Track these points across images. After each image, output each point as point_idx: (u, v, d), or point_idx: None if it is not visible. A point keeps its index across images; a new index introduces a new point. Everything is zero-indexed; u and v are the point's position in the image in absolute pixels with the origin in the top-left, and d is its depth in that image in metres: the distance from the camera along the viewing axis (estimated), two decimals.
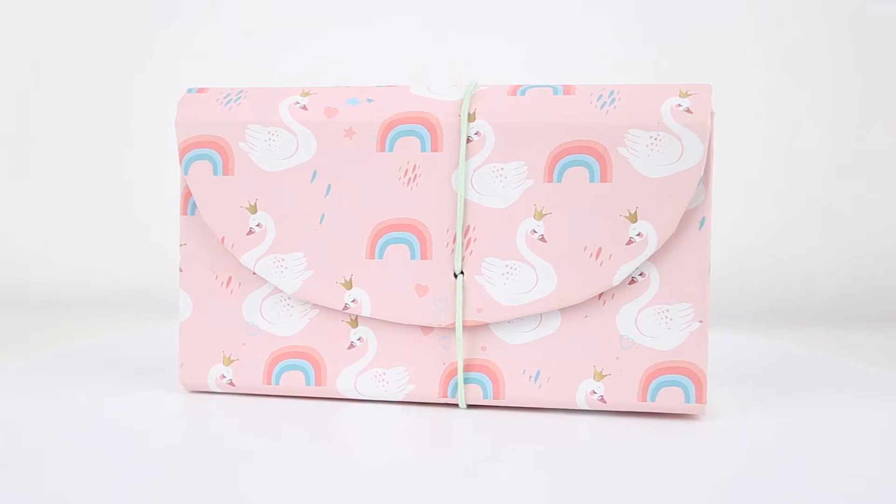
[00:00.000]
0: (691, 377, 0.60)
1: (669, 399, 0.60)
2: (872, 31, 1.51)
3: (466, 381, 0.63)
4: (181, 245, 0.66)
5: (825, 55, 1.51)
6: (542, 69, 1.51)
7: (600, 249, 0.60)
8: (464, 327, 0.62)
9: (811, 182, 1.50)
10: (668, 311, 0.60)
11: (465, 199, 0.62)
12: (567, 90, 0.62)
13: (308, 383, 0.64)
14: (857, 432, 0.61)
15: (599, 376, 0.61)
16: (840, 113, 1.50)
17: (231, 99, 0.65)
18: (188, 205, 0.66)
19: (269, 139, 0.64)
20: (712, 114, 0.60)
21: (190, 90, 0.67)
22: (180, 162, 0.65)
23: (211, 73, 1.49)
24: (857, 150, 1.51)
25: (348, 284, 0.63)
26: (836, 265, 1.49)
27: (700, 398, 0.60)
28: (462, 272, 0.62)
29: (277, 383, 0.65)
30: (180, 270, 0.66)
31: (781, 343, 0.93)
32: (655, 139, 0.59)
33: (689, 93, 0.60)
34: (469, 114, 0.62)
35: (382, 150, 0.63)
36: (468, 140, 0.62)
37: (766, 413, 0.64)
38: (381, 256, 0.63)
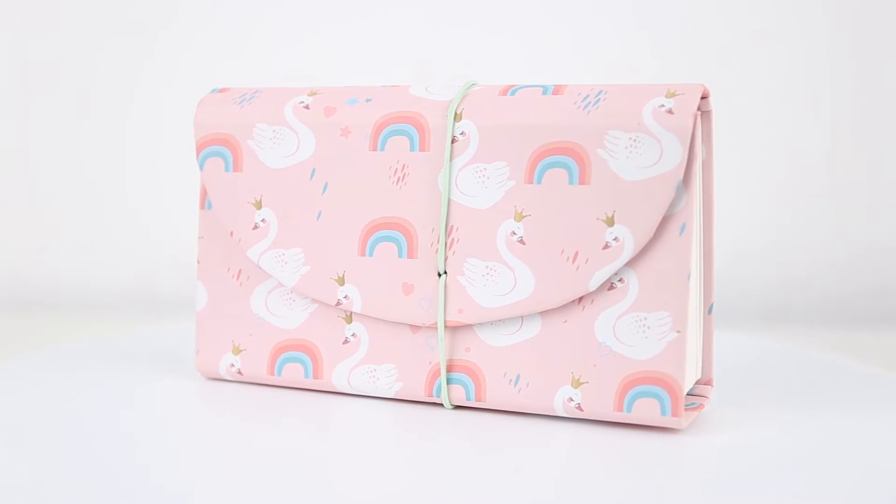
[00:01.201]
0: (667, 389, 0.57)
1: (645, 410, 0.58)
2: (873, 31, 1.48)
3: (450, 381, 0.63)
4: (199, 238, 0.69)
5: (825, 55, 1.48)
6: (546, 69, 1.50)
7: (577, 253, 0.59)
8: (446, 327, 0.62)
9: (811, 182, 1.49)
10: (645, 319, 0.58)
11: (450, 199, 0.62)
12: (556, 90, 0.61)
13: (307, 376, 0.66)
14: (856, 435, 0.59)
15: (577, 383, 0.60)
16: (840, 113, 1.48)
17: (245, 98, 0.68)
18: (206, 200, 0.69)
19: (274, 137, 0.66)
20: (696, 115, 0.57)
21: (213, 90, 0.70)
22: (197, 158, 0.68)
23: (209, 72, 1.49)
24: (857, 150, 1.49)
25: (341, 281, 0.64)
26: (836, 265, 1.46)
27: (676, 411, 0.57)
28: (445, 272, 0.62)
29: (280, 374, 0.67)
30: (198, 262, 0.69)
31: (781, 343, 0.90)
32: (634, 140, 0.57)
33: (675, 93, 0.58)
34: (456, 114, 0.62)
35: (375, 149, 0.64)
36: (453, 140, 0.62)
37: (763, 415, 0.63)
38: (371, 254, 0.64)
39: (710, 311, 0.63)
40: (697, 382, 0.64)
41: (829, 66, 1.48)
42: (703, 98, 0.59)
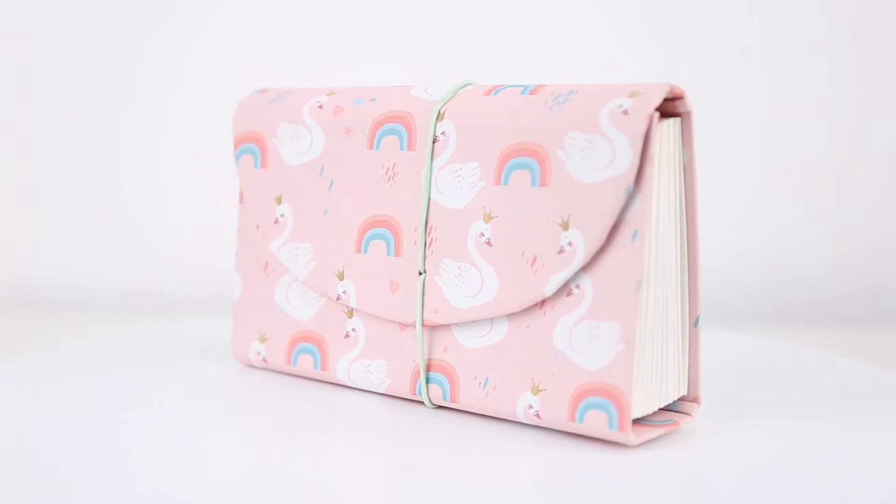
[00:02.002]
0: (614, 401, 0.55)
1: (594, 422, 0.56)
2: (873, 31, 1.42)
3: (430, 380, 0.63)
4: (237, 231, 0.73)
5: (826, 55, 1.44)
6: (547, 69, 1.46)
7: (535, 257, 0.57)
8: (424, 326, 0.62)
9: (811, 182, 1.45)
10: (598, 327, 0.56)
11: (430, 199, 0.62)
12: (534, 90, 0.60)
13: (315, 367, 0.68)
14: (856, 436, 0.59)
15: (536, 390, 0.58)
16: (840, 113, 1.44)
17: (276, 98, 0.71)
18: (242, 195, 0.72)
19: (293, 135, 0.69)
20: (651, 116, 0.54)
21: (256, 90, 0.73)
22: (234, 154, 0.72)
23: (208, 72, 1.49)
24: (857, 150, 1.44)
25: (341, 276, 0.66)
26: (835, 265, 1.41)
27: (622, 426, 0.55)
28: (425, 271, 0.62)
29: (295, 364, 0.69)
30: (236, 254, 0.73)
31: (780, 343, 0.86)
32: (591, 142, 0.55)
33: (637, 93, 0.55)
34: (440, 114, 0.62)
35: (371, 147, 0.65)
36: (435, 140, 0.62)
37: (762, 417, 0.62)
38: (365, 251, 0.65)
39: (695, 324, 0.59)
40: (683, 399, 0.60)
41: (830, 66, 1.44)
42: (676, 99, 0.56)
